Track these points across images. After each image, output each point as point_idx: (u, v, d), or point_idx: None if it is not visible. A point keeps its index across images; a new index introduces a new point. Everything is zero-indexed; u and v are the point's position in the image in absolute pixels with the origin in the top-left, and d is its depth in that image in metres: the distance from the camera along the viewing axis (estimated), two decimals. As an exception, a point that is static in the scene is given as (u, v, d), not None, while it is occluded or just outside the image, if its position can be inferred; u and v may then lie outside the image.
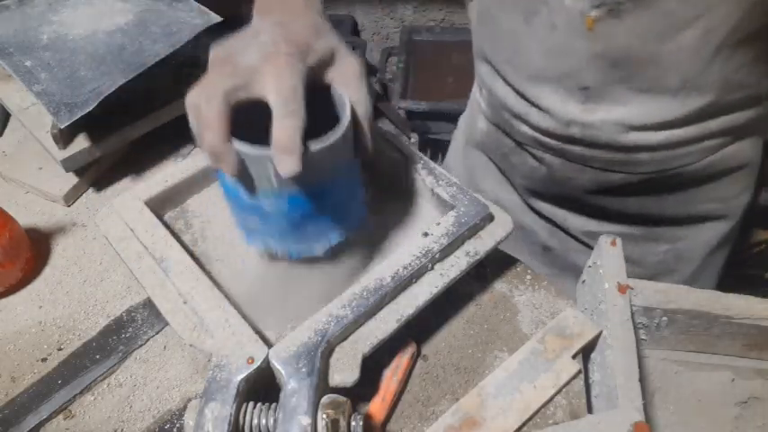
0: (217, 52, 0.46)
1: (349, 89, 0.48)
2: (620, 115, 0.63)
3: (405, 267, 0.51)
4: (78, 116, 0.61)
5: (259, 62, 0.43)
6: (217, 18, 0.69)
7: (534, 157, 0.75)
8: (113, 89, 0.63)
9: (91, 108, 0.62)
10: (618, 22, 0.56)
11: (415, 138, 1.65)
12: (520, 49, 0.65)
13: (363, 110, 0.48)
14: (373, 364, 0.51)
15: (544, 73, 0.64)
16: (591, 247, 0.81)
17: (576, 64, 0.61)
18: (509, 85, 0.70)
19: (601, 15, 0.56)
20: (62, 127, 0.61)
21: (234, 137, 0.43)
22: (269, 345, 0.47)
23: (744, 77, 0.59)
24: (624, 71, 0.59)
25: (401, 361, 0.53)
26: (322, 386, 0.45)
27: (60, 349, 0.57)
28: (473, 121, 0.87)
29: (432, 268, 0.53)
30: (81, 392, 0.54)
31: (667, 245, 0.78)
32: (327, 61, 0.47)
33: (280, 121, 0.42)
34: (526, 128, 0.71)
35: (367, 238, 0.57)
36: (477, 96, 0.84)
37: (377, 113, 1.79)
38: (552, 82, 0.64)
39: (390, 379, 0.52)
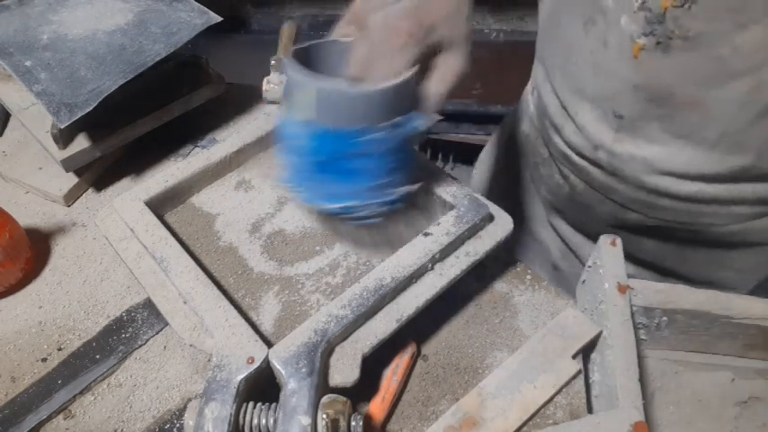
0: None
1: (437, 83, 0.49)
2: (650, 155, 0.59)
3: (405, 267, 0.51)
4: (78, 116, 0.61)
5: (381, 30, 0.47)
6: (217, 18, 0.70)
7: (561, 173, 0.73)
8: (113, 89, 0.63)
9: (91, 108, 0.62)
10: (664, 56, 0.52)
11: (415, 138, 1.65)
12: (572, 58, 0.62)
13: (434, 104, 0.50)
14: (373, 364, 0.51)
15: (586, 89, 0.62)
16: None
17: (616, 89, 0.58)
18: (555, 92, 0.68)
19: (648, 45, 0.53)
20: (62, 127, 0.61)
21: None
22: (269, 345, 0.47)
23: None
24: (662, 110, 0.56)
25: (401, 361, 0.53)
26: (322, 386, 0.45)
27: (60, 349, 0.57)
28: (518, 121, 0.85)
29: (432, 268, 0.53)
30: (81, 392, 0.54)
31: None
32: (439, 49, 0.48)
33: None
34: (559, 140, 0.69)
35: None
36: (528, 96, 0.82)
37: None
38: (591, 100, 0.61)
39: (390, 379, 0.52)
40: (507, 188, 0.88)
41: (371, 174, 0.49)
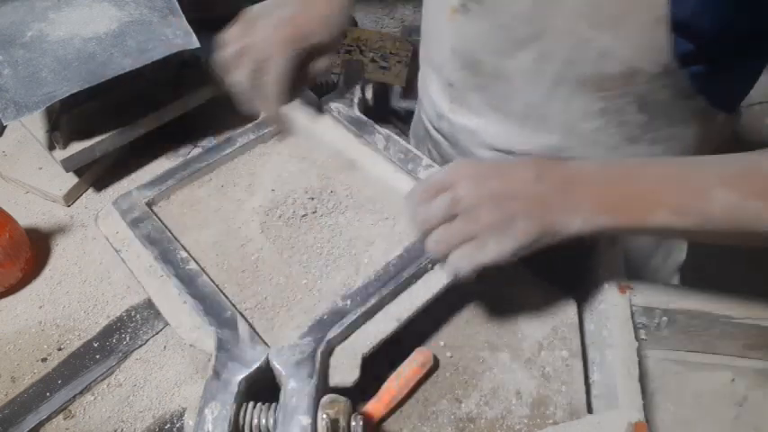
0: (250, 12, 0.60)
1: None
2: (475, 126, 0.60)
3: (405, 267, 0.51)
4: (24, 116, 0.60)
5: (265, 29, 0.57)
6: (196, 44, 0.68)
7: (430, 153, 0.72)
8: (66, 95, 0.62)
9: (40, 110, 0.60)
10: (466, 20, 0.53)
11: (414, 138, 1.65)
12: (423, 27, 0.64)
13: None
14: (374, 365, 0.51)
15: (431, 57, 0.62)
16: None
17: (443, 55, 0.59)
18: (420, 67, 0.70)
19: (457, 7, 0.54)
20: (5, 124, 0.60)
21: None
22: (269, 345, 0.47)
23: (595, 134, 0.54)
24: (477, 78, 0.57)
25: (407, 369, 0.53)
26: (322, 386, 0.45)
27: (60, 349, 0.57)
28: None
29: (432, 268, 0.53)
30: (81, 392, 0.54)
31: None
32: (314, 54, 0.57)
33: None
34: (424, 116, 0.70)
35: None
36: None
37: (377, 113, 1.78)
38: (434, 69, 0.62)
39: (393, 381, 0.52)
40: None
41: None
